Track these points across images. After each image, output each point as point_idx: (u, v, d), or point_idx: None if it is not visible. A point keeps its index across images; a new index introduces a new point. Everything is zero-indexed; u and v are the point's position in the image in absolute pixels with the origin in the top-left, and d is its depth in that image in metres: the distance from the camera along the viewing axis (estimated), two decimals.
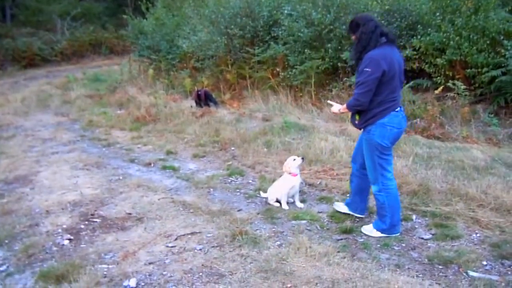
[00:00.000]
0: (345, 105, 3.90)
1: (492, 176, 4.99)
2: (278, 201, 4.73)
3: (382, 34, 3.68)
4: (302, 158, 4.75)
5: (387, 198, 3.87)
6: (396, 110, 3.73)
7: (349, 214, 4.40)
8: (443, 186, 4.87)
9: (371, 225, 4.08)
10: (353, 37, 3.84)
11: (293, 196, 4.75)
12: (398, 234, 3.97)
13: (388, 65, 3.57)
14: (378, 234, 3.98)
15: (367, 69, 3.56)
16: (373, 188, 3.96)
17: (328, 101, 4.57)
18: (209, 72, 11.18)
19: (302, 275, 3.30)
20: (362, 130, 3.93)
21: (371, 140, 3.78)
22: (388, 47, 3.68)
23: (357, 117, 3.89)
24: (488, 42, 7.17)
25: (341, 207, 4.47)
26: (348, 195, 4.95)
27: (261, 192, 5.01)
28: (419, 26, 7.89)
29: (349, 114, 4.07)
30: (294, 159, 4.68)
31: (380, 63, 3.55)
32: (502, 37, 7.01)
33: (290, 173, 4.64)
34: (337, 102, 4.25)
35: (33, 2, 25.34)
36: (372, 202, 4.74)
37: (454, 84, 7.09)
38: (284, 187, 4.64)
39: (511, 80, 6.74)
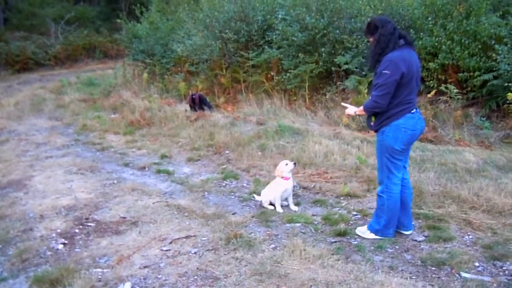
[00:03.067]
0: (361, 107, 3.85)
1: (484, 178, 5.04)
2: (272, 204, 4.75)
3: (400, 37, 3.65)
4: (294, 164, 4.76)
5: (387, 200, 3.85)
6: (412, 112, 3.68)
7: (343, 216, 4.43)
8: (436, 188, 4.91)
9: (365, 226, 4.11)
10: (370, 39, 3.77)
11: (286, 199, 4.77)
12: (391, 237, 3.98)
13: (407, 68, 3.54)
14: (372, 235, 4.00)
15: (386, 71, 3.52)
16: (378, 188, 3.96)
17: (342, 103, 4.47)
18: (203, 76, 11.19)
19: (296, 278, 3.31)
20: (376, 132, 3.88)
21: (383, 142, 3.75)
22: (406, 49, 3.65)
23: (373, 118, 3.84)
24: (479, 46, 7.25)
25: None
26: (342, 198, 4.99)
27: (255, 195, 5.03)
28: (411, 30, 7.96)
29: (360, 116, 4.01)
30: (287, 164, 4.70)
31: (399, 65, 3.51)
32: (493, 42, 7.09)
33: (282, 177, 4.67)
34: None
35: (27, 6, 25.23)
36: (367, 204, 4.79)
37: (446, 87, 7.15)
38: (276, 190, 4.66)
39: (503, 84, 6.81)
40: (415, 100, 3.77)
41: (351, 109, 4.05)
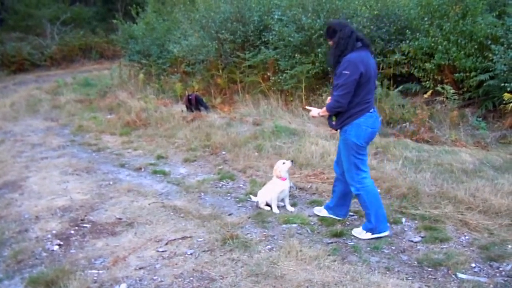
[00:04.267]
0: (324, 108, 4.02)
1: (481, 179, 5.04)
2: (268, 204, 4.74)
3: (358, 39, 3.84)
4: (291, 161, 4.76)
5: (366, 196, 3.96)
6: (371, 111, 3.89)
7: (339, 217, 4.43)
8: (432, 189, 4.91)
9: (360, 227, 4.12)
10: (330, 43, 3.99)
11: (283, 200, 4.76)
12: (387, 232, 4.01)
13: (365, 68, 3.73)
14: (368, 235, 4.01)
15: (346, 72, 3.70)
16: (352, 189, 4.06)
17: (306, 107, 4.72)
18: (199, 76, 11.17)
19: (292, 279, 3.31)
20: (339, 131, 4.05)
21: (347, 140, 3.91)
22: (364, 51, 3.84)
23: (333, 118, 4.02)
24: (476, 46, 7.25)
25: (322, 211, 4.53)
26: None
27: (251, 196, 5.02)
28: (407, 31, 7.97)
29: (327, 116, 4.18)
30: (284, 163, 4.69)
31: (358, 65, 3.69)
32: (489, 42, 7.10)
33: (280, 178, 4.65)
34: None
35: (23, 7, 25.09)
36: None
37: (443, 88, 7.16)
38: (273, 191, 4.65)
39: (499, 84, 6.82)
40: (373, 100, 3.98)
41: (315, 111, 4.23)
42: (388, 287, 3.18)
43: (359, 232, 4.08)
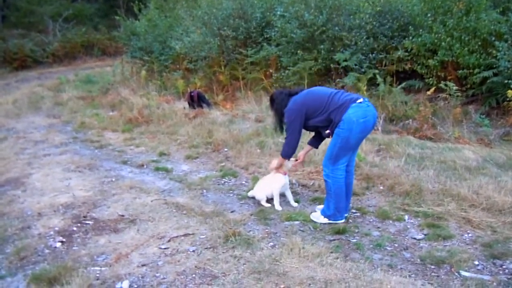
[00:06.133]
0: (279, 157, 4.45)
1: (484, 176, 5.02)
2: (268, 201, 4.72)
3: (290, 95, 4.29)
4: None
5: (333, 185, 4.11)
6: (358, 101, 3.91)
7: None
8: (435, 186, 4.89)
9: (319, 212, 4.34)
10: (272, 112, 4.54)
11: (284, 195, 4.74)
12: (343, 220, 4.23)
13: (304, 98, 4.14)
14: (325, 220, 4.25)
15: (290, 118, 4.14)
16: (323, 171, 4.21)
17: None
18: (202, 73, 11.17)
19: (295, 276, 3.30)
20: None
21: (340, 134, 3.95)
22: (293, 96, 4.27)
23: (326, 131, 4.12)
24: (479, 43, 7.23)
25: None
26: None
27: (249, 194, 4.99)
28: (410, 27, 7.94)
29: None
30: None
31: (295, 107, 4.12)
32: (493, 38, 7.07)
33: (284, 173, 4.63)
34: None
35: (25, 4, 25.08)
36: (366, 202, 4.76)
37: (446, 85, 7.13)
38: (275, 187, 4.62)
39: (503, 81, 6.79)
40: (347, 93, 4.10)
41: (273, 164, 4.62)
42: (391, 284, 3.17)
43: (317, 217, 4.31)
